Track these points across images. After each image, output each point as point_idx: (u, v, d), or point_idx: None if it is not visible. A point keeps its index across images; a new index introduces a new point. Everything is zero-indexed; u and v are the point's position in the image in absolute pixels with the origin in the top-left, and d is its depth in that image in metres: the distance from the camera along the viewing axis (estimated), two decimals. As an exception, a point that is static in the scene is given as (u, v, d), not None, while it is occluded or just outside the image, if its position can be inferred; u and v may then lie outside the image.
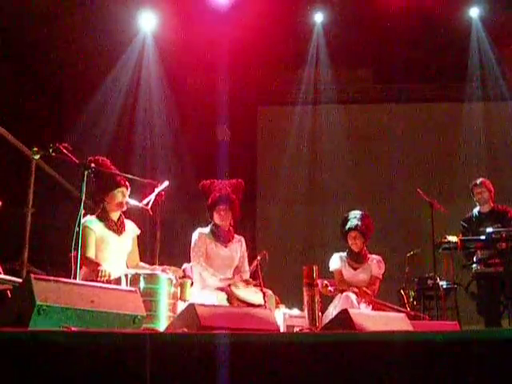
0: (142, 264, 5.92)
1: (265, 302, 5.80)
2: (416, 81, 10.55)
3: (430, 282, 7.52)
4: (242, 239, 6.65)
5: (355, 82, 10.87)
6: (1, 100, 8.07)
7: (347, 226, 7.11)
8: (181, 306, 5.24)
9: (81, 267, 5.45)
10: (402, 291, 7.74)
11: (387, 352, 3.35)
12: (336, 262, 7.14)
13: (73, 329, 3.55)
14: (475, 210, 7.55)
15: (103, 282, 5.14)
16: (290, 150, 10.71)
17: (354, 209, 7.42)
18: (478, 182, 7.52)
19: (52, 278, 4.00)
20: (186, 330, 4.19)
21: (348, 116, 10.75)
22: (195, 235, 6.42)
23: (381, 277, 7.06)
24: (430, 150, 10.49)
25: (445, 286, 7.46)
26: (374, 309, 6.66)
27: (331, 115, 10.72)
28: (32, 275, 3.82)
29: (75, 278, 4.85)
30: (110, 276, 5.27)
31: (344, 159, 10.50)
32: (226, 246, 6.46)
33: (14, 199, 7.09)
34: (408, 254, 8.16)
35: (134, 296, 4.32)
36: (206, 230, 6.48)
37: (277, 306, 6.36)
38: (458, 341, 3.41)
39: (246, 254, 6.64)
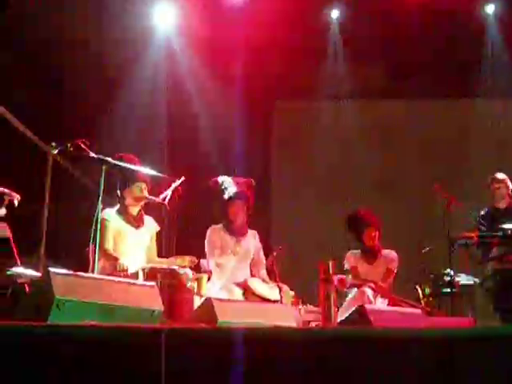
0: (159, 259, 5.96)
1: (281, 297, 5.83)
2: (431, 76, 10.49)
3: (446, 278, 7.51)
4: (256, 233, 6.69)
5: (370, 78, 10.83)
6: (21, 96, 8.13)
7: (363, 223, 7.11)
8: (197, 301, 5.27)
9: (99, 259, 5.52)
10: (417, 287, 7.74)
11: (403, 348, 3.37)
12: (350, 259, 7.17)
13: (92, 323, 3.58)
14: (491, 206, 7.49)
15: (121, 275, 5.18)
16: (305, 144, 10.70)
17: (369, 204, 7.41)
18: (498, 177, 7.45)
19: (71, 272, 4.05)
20: (203, 324, 4.22)
21: (363, 111, 10.72)
22: (209, 231, 6.47)
23: (395, 271, 7.08)
24: (446, 146, 10.46)
25: (461, 283, 7.46)
26: (389, 304, 6.67)
27: (347, 110, 10.69)
28: (51, 269, 3.86)
29: (93, 271, 4.88)
30: (127, 270, 5.31)
31: (359, 154, 10.47)
32: (240, 241, 6.48)
33: (31, 194, 7.14)
34: (423, 250, 8.15)
35: (152, 291, 4.35)
36: (220, 225, 6.52)
37: (293, 302, 6.39)
38: (475, 337, 3.42)
39: (260, 247, 6.67)
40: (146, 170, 5.90)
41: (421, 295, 7.63)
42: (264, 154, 10.87)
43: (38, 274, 5.10)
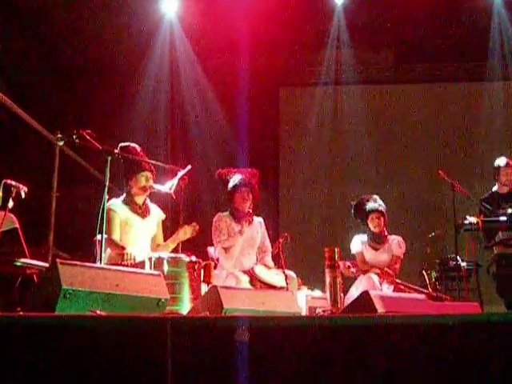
0: (163, 243, 6.01)
1: (287, 284, 5.87)
2: (437, 61, 10.48)
3: (451, 263, 7.53)
4: (262, 220, 6.74)
5: (376, 63, 10.82)
6: (29, 87, 8.17)
7: (368, 208, 7.14)
8: (204, 289, 5.31)
9: (105, 250, 5.57)
10: (423, 272, 7.77)
11: (409, 334, 3.38)
12: (357, 244, 7.21)
13: (99, 313, 3.62)
14: (494, 191, 7.46)
15: (128, 265, 5.22)
16: (311, 130, 10.71)
17: (375, 190, 7.44)
18: (507, 162, 7.39)
19: (77, 262, 4.09)
20: (207, 313, 4.26)
21: (369, 97, 10.72)
22: (216, 218, 6.52)
23: (402, 256, 7.12)
24: (451, 131, 10.45)
25: (466, 267, 7.48)
26: (395, 289, 6.71)
27: (352, 96, 10.69)
28: (58, 260, 3.90)
29: (100, 261, 4.92)
30: (134, 259, 5.34)
31: (365, 140, 10.47)
32: (246, 228, 6.52)
33: (38, 184, 7.19)
34: (429, 235, 8.17)
35: (157, 279, 4.39)
36: (226, 213, 6.57)
37: (299, 288, 6.43)
38: (480, 323, 3.43)
39: (266, 234, 6.72)
40: (151, 160, 5.94)
41: (427, 280, 7.66)
42: (270, 142, 10.89)
43: (46, 265, 5.14)
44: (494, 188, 7.43)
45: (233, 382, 3.10)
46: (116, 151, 5.41)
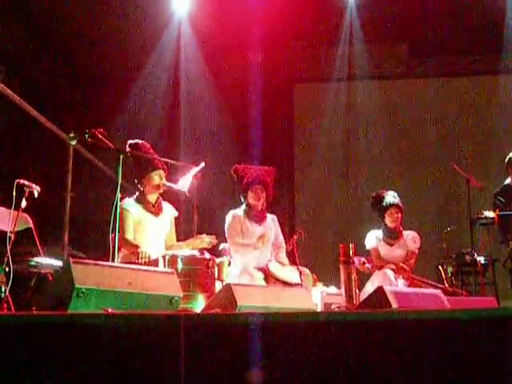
0: (178, 243, 6.01)
1: (301, 280, 5.86)
2: (451, 54, 10.43)
3: (467, 257, 7.49)
4: (275, 217, 6.74)
5: (390, 57, 10.79)
6: (43, 87, 8.20)
7: (386, 203, 7.12)
8: (218, 286, 5.30)
9: (120, 249, 5.58)
10: (439, 267, 7.73)
11: (424, 330, 3.36)
12: (372, 239, 7.18)
13: (110, 311, 3.63)
14: (506, 184, 7.38)
15: (143, 263, 5.23)
16: (326, 126, 10.69)
17: (390, 185, 7.41)
18: None
19: (90, 261, 4.10)
20: (218, 310, 4.26)
21: (382, 92, 10.69)
22: (229, 216, 6.50)
23: (417, 252, 7.08)
24: (466, 124, 10.40)
25: (482, 262, 7.44)
26: (411, 285, 6.68)
27: (366, 91, 10.66)
28: (71, 259, 3.91)
29: (113, 260, 4.93)
30: (149, 257, 5.34)
31: (379, 134, 10.45)
32: (259, 225, 6.52)
33: (54, 184, 7.23)
34: (445, 230, 8.13)
35: (170, 277, 4.39)
36: (240, 210, 6.56)
37: (314, 284, 6.42)
38: (497, 318, 3.41)
39: (280, 231, 6.73)
40: (163, 158, 5.94)
41: (443, 275, 7.62)
42: (285, 139, 10.89)
43: (61, 264, 5.16)
44: (507, 181, 7.36)
45: (247, 378, 3.09)
46: (128, 150, 5.42)
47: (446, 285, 7.22)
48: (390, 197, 7.13)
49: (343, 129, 10.66)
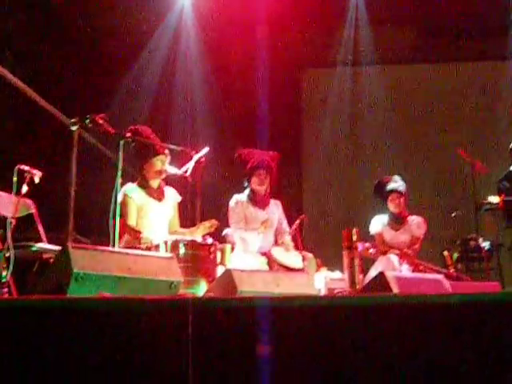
0: (181, 229, 6.00)
1: (304, 265, 5.86)
2: (459, 39, 10.35)
3: (472, 243, 7.48)
4: (278, 202, 6.74)
5: (396, 42, 10.71)
6: (43, 72, 8.19)
7: (388, 189, 7.12)
8: (221, 271, 5.30)
9: (122, 235, 5.59)
10: (445, 253, 7.70)
11: (425, 314, 3.35)
12: (376, 225, 7.18)
13: (105, 295, 3.64)
14: (511, 170, 7.37)
15: (145, 248, 5.23)
16: (332, 111, 10.67)
17: (396, 170, 7.40)
18: None
19: (89, 246, 4.11)
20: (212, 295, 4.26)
21: (390, 76, 10.63)
22: (232, 201, 6.52)
23: (422, 237, 7.09)
24: (474, 109, 10.35)
25: (487, 247, 7.41)
26: (415, 270, 6.67)
27: (373, 76, 10.62)
28: (69, 244, 3.92)
29: (114, 245, 4.93)
30: (151, 243, 5.34)
31: (386, 120, 10.41)
32: (263, 210, 6.52)
33: (58, 169, 7.22)
34: (452, 215, 8.10)
35: (170, 262, 4.39)
36: (243, 195, 6.56)
37: (318, 269, 6.42)
38: (501, 302, 3.40)
39: (283, 216, 6.71)
40: (165, 144, 5.93)
41: (449, 261, 7.59)
42: (292, 124, 10.86)
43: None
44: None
45: (254, 362, 3.09)
46: (128, 135, 5.41)
47: (451, 270, 7.19)
48: (391, 183, 7.13)
49: (350, 114, 10.63)
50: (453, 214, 8.03)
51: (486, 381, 3.16)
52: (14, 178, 4.97)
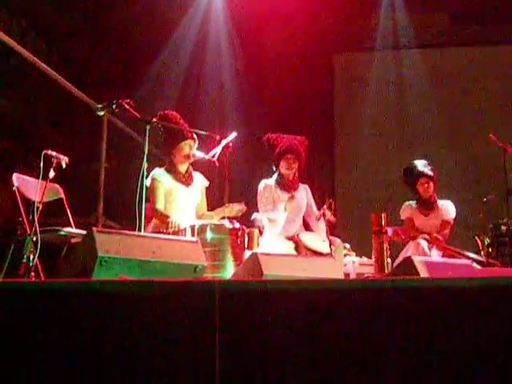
0: (208, 212, 6.01)
1: (331, 250, 5.84)
2: (494, 22, 10.21)
3: (503, 228, 7.38)
4: (307, 187, 6.72)
5: (431, 26, 10.61)
6: (74, 59, 8.26)
7: (417, 173, 7.09)
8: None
9: (150, 219, 5.62)
10: (476, 238, 7.63)
11: (451, 298, 3.32)
12: (406, 210, 7.16)
13: (125, 278, 3.66)
14: None
15: (171, 233, 5.25)
16: (368, 96, 10.60)
17: (432, 154, 7.32)
18: None
19: (114, 230, 4.14)
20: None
21: (424, 61, 10.54)
22: (261, 186, 6.51)
23: (452, 222, 7.05)
24: (508, 93, 10.22)
25: (519, 233, 7.33)
26: (445, 255, 6.62)
27: (407, 61, 10.55)
28: (94, 228, 3.95)
29: (140, 229, 4.96)
30: (179, 227, 5.35)
31: (418, 104, 10.34)
32: (291, 195, 6.50)
33: (87, 154, 7.30)
34: (484, 200, 8.02)
35: (195, 246, 4.39)
36: (271, 180, 6.56)
37: (346, 255, 6.40)
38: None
39: (312, 201, 6.70)
40: (192, 129, 5.94)
41: (480, 246, 7.53)
42: (325, 109, 10.82)
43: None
44: None
45: (280, 347, 3.09)
46: (154, 120, 5.43)
47: (483, 255, 7.12)
48: (420, 167, 7.09)
49: (386, 98, 10.57)
50: (484, 199, 7.95)
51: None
52: (41, 164, 5.02)
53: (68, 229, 5.32)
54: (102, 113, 5.32)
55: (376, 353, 3.20)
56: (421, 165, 7.13)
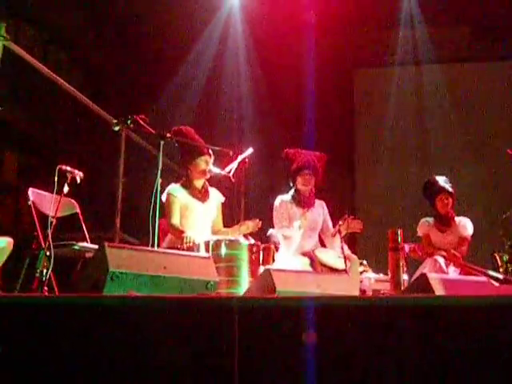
0: (224, 229, 6.01)
1: (346, 266, 5.81)
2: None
3: (522, 245, 7.31)
4: (323, 203, 6.68)
5: (452, 41, 10.58)
6: (95, 73, 8.32)
7: (437, 188, 7.05)
8: (262, 271, 5.29)
9: (166, 234, 5.63)
10: (495, 254, 7.56)
11: (469, 318, 3.30)
12: (423, 226, 7.12)
13: (134, 294, 3.66)
14: None
15: (186, 248, 5.25)
16: (388, 111, 10.57)
17: (452, 169, 7.28)
18: None
19: (126, 245, 4.14)
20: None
21: (444, 75, 10.50)
22: (277, 202, 6.49)
23: (469, 238, 6.99)
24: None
25: (537, 250, 7.25)
26: (462, 272, 6.57)
27: (427, 75, 10.51)
28: (106, 243, 3.96)
29: (153, 245, 4.97)
30: (194, 242, 5.35)
31: (440, 119, 10.30)
32: (307, 211, 6.48)
33: (105, 169, 7.33)
34: (504, 216, 7.95)
35: (207, 262, 4.39)
36: (287, 196, 6.54)
37: (363, 271, 6.37)
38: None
39: (328, 217, 6.66)
40: (208, 145, 5.94)
41: (499, 263, 7.45)
42: (345, 124, 10.81)
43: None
44: None
45: (299, 362, 3.08)
46: (168, 135, 5.45)
47: (501, 272, 7.05)
48: (441, 183, 7.06)
49: (403, 113, 10.53)
50: (504, 216, 7.88)
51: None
52: (56, 178, 5.05)
53: (82, 243, 5.35)
54: (117, 128, 5.36)
55: (390, 370, 3.19)
56: (442, 180, 7.11)
